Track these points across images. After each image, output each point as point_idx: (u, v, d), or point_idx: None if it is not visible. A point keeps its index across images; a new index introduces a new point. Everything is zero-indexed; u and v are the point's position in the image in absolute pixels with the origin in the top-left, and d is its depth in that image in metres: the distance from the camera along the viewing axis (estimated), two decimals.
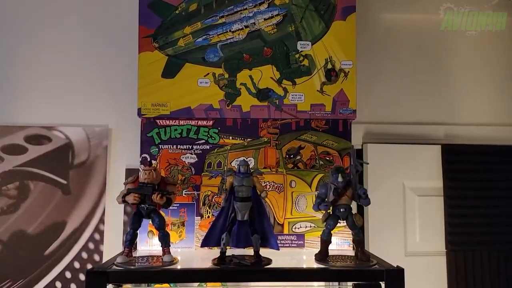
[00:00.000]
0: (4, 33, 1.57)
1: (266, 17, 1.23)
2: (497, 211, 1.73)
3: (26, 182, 1.51)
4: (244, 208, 1.03)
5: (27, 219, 1.49)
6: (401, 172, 1.77)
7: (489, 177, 1.75)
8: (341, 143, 1.24)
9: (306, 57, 1.24)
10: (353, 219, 1.04)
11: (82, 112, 1.55)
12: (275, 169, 1.22)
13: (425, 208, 1.76)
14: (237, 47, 1.23)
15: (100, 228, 1.51)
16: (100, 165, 1.53)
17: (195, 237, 1.20)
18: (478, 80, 1.89)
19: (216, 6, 1.23)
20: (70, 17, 1.59)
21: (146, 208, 1.03)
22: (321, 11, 1.24)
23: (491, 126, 1.85)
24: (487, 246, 1.70)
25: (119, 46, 1.56)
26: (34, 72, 1.56)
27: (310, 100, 1.23)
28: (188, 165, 1.21)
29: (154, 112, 1.21)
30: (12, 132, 1.52)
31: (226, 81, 1.22)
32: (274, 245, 1.06)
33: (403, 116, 1.85)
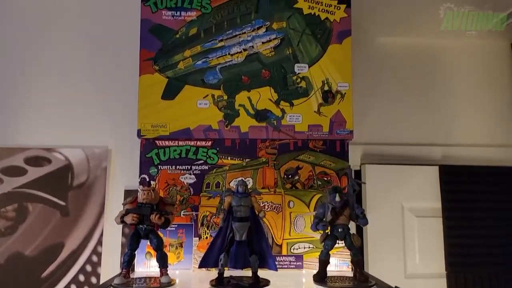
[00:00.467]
0: (5, 56, 1.60)
1: (264, 40, 1.26)
2: (496, 232, 1.73)
3: (25, 203, 1.51)
4: (242, 228, 1.03)
5: (24, 241, 1.49)
6: (400, 193, 1.77)
7: (487, 198, 1.76)
8: (339, 163, 1.25)
9: (304, 79, 1.26)
10: (351, 240, 1.05)
11: (82, 134, 1.57)
12: (273, 189, 1.23)
13: (424, 229, 1.76)
14: (235, 70, 1.26)
15: (98, 250, 1.50)
16: (99, 186, 1.54)
17: (193, 258, 1.19)
18: (473, 102, 1.92)
19: (215, 31, 1.27)
20: (71, 40, 1.63)
21: (144, 228, 1.04)
22: (317, 35, 1.27)
23: (487, 147, 1.86)
24: (487, 267, 1.69)
25: (119, 69, 1.59)
26: (34, 94, 1.59)
27: (308, 121, 1.25)
28: (187, 186, 1.22)
29: (153, 133, 1.22)
30: (13, 154, 1.53)
31: (225, 102, 1.24)
32: (272, 266, 1.05)
33: (400, 137, 1.87)
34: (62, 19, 1.64)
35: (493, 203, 1.75)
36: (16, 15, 1.64)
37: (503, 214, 1.74)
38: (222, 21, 1.26)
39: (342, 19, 1.29)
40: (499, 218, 1.75)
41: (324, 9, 1.28)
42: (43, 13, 1.64)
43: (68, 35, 1.62)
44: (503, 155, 1.86)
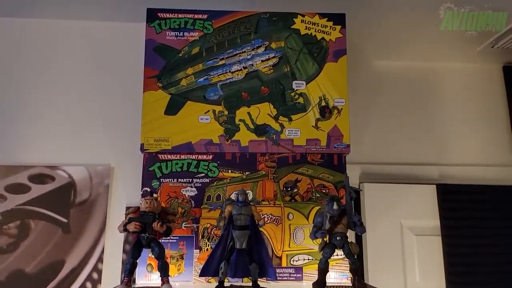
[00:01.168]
0: (9, 75, 1.66)
1: (263, 59, 1.32)
2: (496, 250, 1.74)
3: (27, 220, 1.53)
4: (243, 237, 1.05)
5: (26, 258, 1.50)
6: (398, 211, 1.80)
7: (484, 216, 1.78)
8: (337, 176, 1.28)
9: (301, 95, 1.31)
10: (350, 248, 1.06)
11: (85, 152, 1.61)
12: (273, 201, 1.26)
13: (424, 248, 1.77)
14: (236, 86, 1.31)
15: (99, 267, 1.51)
16: (101, 203, 1.56)
17: (193, 270, 1.20)
18: (468, 122, 1.98)
19: (216, 50, 1.32)
20: (75, 61, 1.69)
21: (146, 237, 1.05)
22: (314, 53, 1.33)
23: (482, 167, 1.90)
24: (488, 286, 1.69)
25: (121, 90, 1.65)
26: (39, 113, 1.64)
27: (306, 135, 1.29)
28: (188, 198, 1.24)
29: (156, 147, 1.26)
30: (17, 171, 1.56)
31: (226, 117, 1.28)
32: (272, 275, 1.07)
33: (397, 157, 1.91)
34: (66, 40, 1.71)
35: (491, 221, 1.78)
36: (22, 37, 1.70)
37: (502, 232, 1.76)
38: (223, 41, 1.33)
39: (337, 39, 1.35)
40: (498, 236, 1.76)
41: (320, 29, 1.34)
42: (48, 34, 1.71)
43: (72, 56, 1.69)
44: (498, 174, 1.89)
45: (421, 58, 2.00)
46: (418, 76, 2.01)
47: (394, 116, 1.95)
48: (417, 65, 2.02)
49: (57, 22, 1.71)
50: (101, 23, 1.71)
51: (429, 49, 1.93)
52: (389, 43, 1.88)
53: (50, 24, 1.71)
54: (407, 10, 1.61)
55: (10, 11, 1.64)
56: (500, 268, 1.71)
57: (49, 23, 1.71)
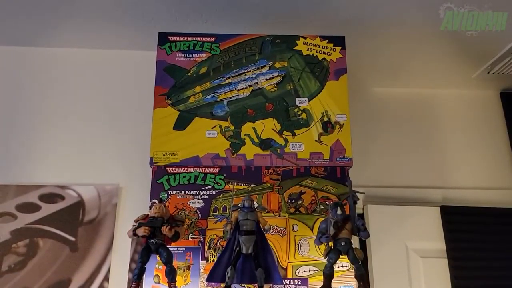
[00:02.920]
0: (22, 98, 1.74)
1: (267, 77, 1.39)
2: (503, 273, 1.73)
3: (36, 239, 1.55)
4: (249, 241, 1.07)
5: (32, 277, 1.51)
6: (403, 233, 1.80)
7: (490, 238, 1.78)
8: (340, 188, 1.31)
9: (304, 111, 1.37)
10: (354, 253, 1.08)
11: (95, 172, 1.65)
12: (278, 213, 1.28)
13: (430, 270, 1.76)
14: (241, 103, 1.37)
15: (105, 286, 1.52)
16: (109, 222, 1.59)
17: (200, 281, 1.21)
18: (469, 147, 2.02)
19: (223, 69, 1.40)
20: (85, 83, 1.78)
21: (155, 242, 1.08)
22: (316, 72, 1.40)
23: (484, 189, 1.92)
24: None
25: (130, 114, 1.72)
26: (50, 135, 1.70)
27: (309, 149, 1.34)
28: (195, 210, 1.27)
29: (165, 160, 1.31)
30: (28, 191, 1.60)
31: (232, 132, 1.34)
32: (278, 279, 1.08)
33: (401, 180, 1.94)
34: (77, 66, 1.80)
35: (497, 243, 1.77)
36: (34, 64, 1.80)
37: (507, 254, 1.75)
38: (229, 61, 1.40)
39: (338, 59, 1.42)
40: (505, 259, 1.75)
41: (321, 50, 1.42)
42: (57, 60, 1.81)
43: (82, 80, 1.78)
44: (500, 197, 1.91)
45: (419, 85, 2.07)
46: (418, 102, 2.08)
47: (396, 142, 2.00)
48: (415, 92, 2.09)
49: (69, 50, 1.81)
50: (112, 51, 1.82)
51: (426, 76, 2.01)
52: (387, 71, 1.96)
53: (61, 52, 1.81)
54: (403, 36, 1.70)
55: (28, 40, 1.75)
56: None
57: (60, 51, 1.81)
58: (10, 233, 1.54)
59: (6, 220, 1.55)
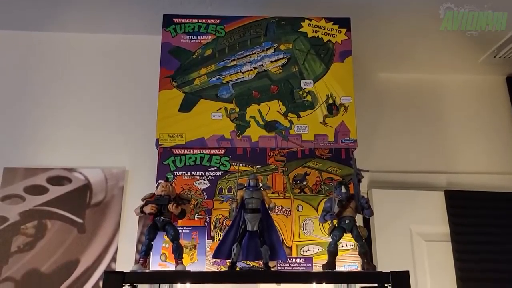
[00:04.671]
0: (30, 83, 1.75)
1: (272, 60, 1.40)
2: (506, 256, 1.74)
3: (44, 221, 1.57)
4: (254, 219, 1.09)
5: (41, 258, 1.53)
6: (407, 217, 1.81)
7: (493, 223, 1.79)
8: (344, 170, 1.32)
9: (309, 93, 1.37)
10: (358, 231, 1.09)
11: (101, 155, 1.67)
12: (283, 194, 1.29)
13: (434, 254, 1.77)
14: (247, 85, 1.38)
15: (112, 266, 1.54)
16: (116, 205, 1.61)
17: (206, 259, 1.23)
18: (474, 132, 2.02)
19: (228, 51, 1.41)
20: (92, 65, 1.79)
21: (161, 220, 1.09)
22: (321, 54, 1.40)
23: (489, 174, 1.92)
24: None
25: (136, 98, 1.74)
26: (57, 119, 1.72)
27: (314, 131, 1.34)
28: (201, 191, 1.29)
29: (170, 142, 1.32)
30: (36, 174, 1.62)
31: (237, 114, 1.35)
32: (283, 256, 1.10)
33: (405, 165, 1.94)
34: (83, 50, 1.82)
35: (500, 228, 1.78)
36: (42, 48, 1.81)
37: (511, 239, 1.76)
38: (234, 43, 1.41)
39: (343, 41, 1.42)
40: (508, 242, 1.76)
41: (327, 32, 1.42)
42: (65, 45, 1.82)
43: (89, 65, 1.79)
44: (504, 182, 1.91)
45: (425, 70, 2.06)
46: (423, 87, 2.07)
47: (401, 126, 2.00)
48: (421, 77, 2.08)
49: (75, 35, 1.83)
50: (116, 36, 1.83)
51: (431, 61, 2.00)
52: (392, 56, 1.96)
53: (68, 37, 1.83)
54: (408, 21, 1.69)
55: (35, 25, 1.77)
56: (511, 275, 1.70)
57: (67, 35, 1.83)
58: (19, 215, 1.57)
59: (14, 202, 1.58)
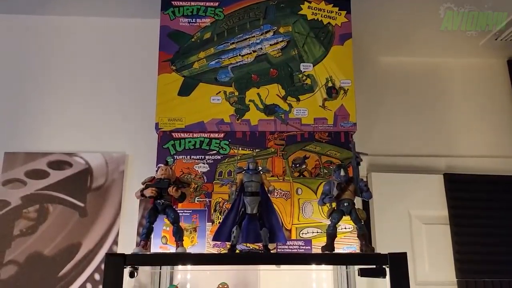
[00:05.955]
0: (29, 68, 1.75)
1: (271, 43, 1.39)
2: (504, 239, 1.75)
3: (46, 205, 1.58)
4: (254, 202, 1.09)
5: (44, 241, 1.55)
6: (406, 200, 1.82)
7: (491, 206, 1.80)
8: (344, 153, 1.32)
9: (309, 76, 1.37)
10: (357, 214, 1.10)
11: (102, 140, 1.68)
12: (282, 177, 1.30)
13: (433, 236, 1.78)
14: (246, 69, 1.37)
15: (114, 249, 1.55)
16: (116, 189, 1.61)
17: (206, 242, 1.24)
18: (474, 115, 2.01)
19: (227, 35, 1.40)
20: (91, 51, 1.78)
21: (162, 203, 1.10)
22: (320, 37, 1.39)
23: (488, 158, 1.93)
24: (498, 275, 1.69)
25: (135, 82, 1.73)
26: (57, 103, 1.71)
27: (313, 114, 1.34)
28: (201, 174, 1.29)
29: (170, 126, 1.32)
30: (36, 158, 1.63)
31: (236, 98, 1.35)
32: (282, 238, 1.11)
33: (405, 149, 1.94)
34: (82, 35, 1.80)
35: (498, 211, 1.79)
36: (40, 33, 1.80)
37: (508, 221, 1.77)
38: (233, 27, 1.40)
39: (343, 24, 1.41)
40: (505, 225, 1.77)
41: (326, 15, 1.41)
42: (63, 29, 1.81)
43: (88, 49, 1.78)
44: (503, 165, 1.91)
45: (425, 54, 2.05)
46: (423, 71, 2.06)
47: (401, 110, 1.99)
48: (421, 60, 2.07)
49: (74, 18, 1.81)
50: (116, 19, 1.81)
51: (432, 44, 1.98)
52: (392, 39, 1.94)
53: (66, 20, 1.81)
54: (409, 4, 1.67)
55: (33, 9, 1.75)
56: (509, 257, 1.71)
57: (65, 19, 1.81)
58: (21, 199, 1.58)
59: (16, 186, 1.59)
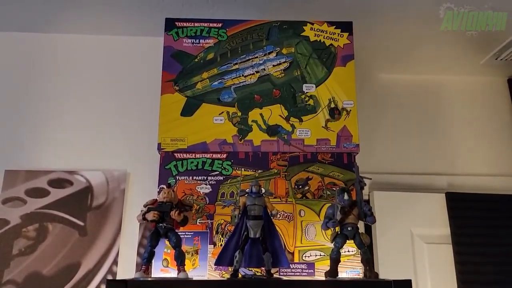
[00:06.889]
0: (31, 85, 1.75)
1: (274, 64, 1.39)
2: (507, 259, 1.74)
3: (46, 224, 1.57)
4: (256, 226, 1.08)
5: (43, 261, 1.53)
6: (408, 219, 1.81)
7: (494, 225, 1.79)
8: (347, 175, 1.32)
9: (311, 97, 1.37)
10: (361, 238, 1.09)
11: (103, 158, 1.67)
12: (285, 199, 1.29)
13: (435, 256, 1.77)
14: (249, 89, 1.37)
15: (113, 269, 1.54)
16: (117, 207, 1.60)
17: (208, 265, 1.23)
18: (475, 134, 2.02)
19: (230, 55, 1.40)
20: (93, 68, 1.78)
21: (164, 227, 1.09)
22: (323, 58, 1.40)
23: (490, 176, 1.93)
24: None
25: (137, 100, 1.73)
26: (58, 121, 1.71)
27: (316, 135, 1.34)
28: (203, 195, 1.29)
29: (172, 146, 1.32)
30: (37, 176, 1.62)
31: (239, 118, 1.34)
32: (285, 263, 1.10)
33: (406, 167, 1.94)
34: (85, 53, 1.81)
35: (501, 229, 1.79)
36: (44, 51, 1.80)
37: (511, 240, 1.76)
38: (236, 47, 1.40)
39: (345, 45, 1.42)
40: (509, 245, 1.76)
41: (329, 36, 1.42)
42: (67, 47, 1.81)
43: (90, 67, 1.78)
44: (505, 184, 1.91)
45: (426, 72, 2.06)
46: (424, 89, 2.07)
47: (402, 128, 2.00)
48: (422, 78, 2.08)
49: (77, 36, 1.82)
50: (119, 37, 1.82)
51: (433, 62, 1.99)
52: (393, 57, 1.95)
53: (69, 38, 1.82)
54: (409, 22, 1.69)
55: (37, 27, 1.76)
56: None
57: (68, 37, 1.82)
58: (20, 218, 1.57)
59: (16, 205, 1.57)
